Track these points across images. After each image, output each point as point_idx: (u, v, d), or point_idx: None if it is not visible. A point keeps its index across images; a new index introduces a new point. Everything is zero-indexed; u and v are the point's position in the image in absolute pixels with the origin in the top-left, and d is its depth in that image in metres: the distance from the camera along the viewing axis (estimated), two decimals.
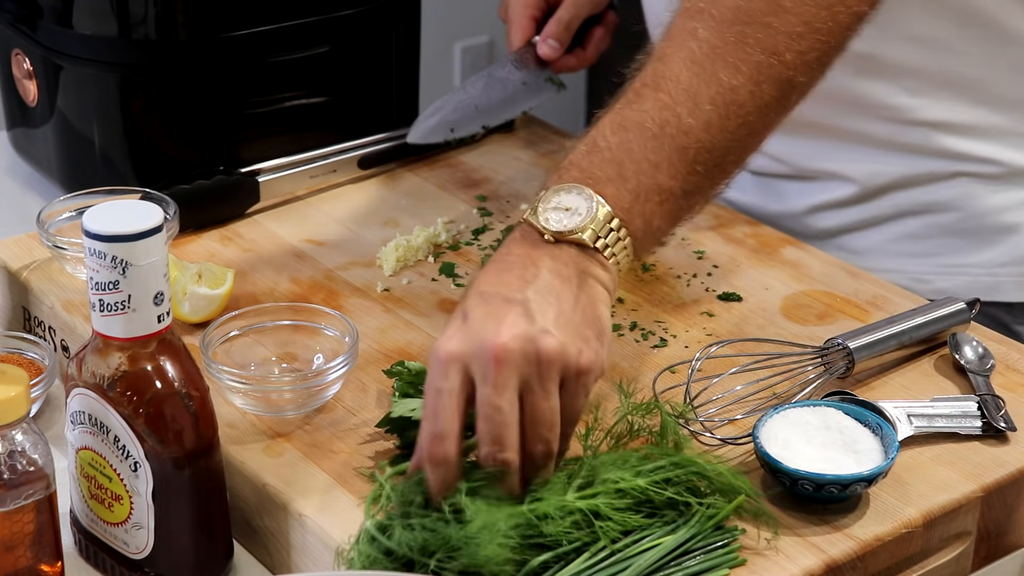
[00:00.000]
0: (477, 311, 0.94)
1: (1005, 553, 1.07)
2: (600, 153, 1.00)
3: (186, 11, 1.36)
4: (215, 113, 1.41)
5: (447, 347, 0.93)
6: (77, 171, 1.43)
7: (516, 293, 0.94)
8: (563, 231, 0.97)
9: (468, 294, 0.97)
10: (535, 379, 0.93)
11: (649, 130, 1.00)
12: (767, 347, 1.13)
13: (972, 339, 1.15)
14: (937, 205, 1.34)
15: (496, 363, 0.91)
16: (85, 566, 1.04)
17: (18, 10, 1.40)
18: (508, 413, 0.92)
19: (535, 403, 0.93)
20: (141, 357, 0.96)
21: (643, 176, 0.99)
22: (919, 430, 1.06)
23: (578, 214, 0.97)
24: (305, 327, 1.15)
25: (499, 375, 0.92)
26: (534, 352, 0.92)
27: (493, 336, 0.92)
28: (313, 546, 0.99)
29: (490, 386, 0.92)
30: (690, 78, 1.01)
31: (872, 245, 1.37)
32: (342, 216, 1.37)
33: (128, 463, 0.97)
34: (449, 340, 0.94)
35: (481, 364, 0.92)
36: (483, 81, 1.44)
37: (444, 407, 0.93)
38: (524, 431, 0.93)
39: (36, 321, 1.26)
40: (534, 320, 0.93)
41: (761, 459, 1.00)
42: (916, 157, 1.32)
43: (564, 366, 0.93)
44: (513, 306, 0.94)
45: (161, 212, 0.95)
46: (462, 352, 0.93)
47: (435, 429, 0.93)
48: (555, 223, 0.97)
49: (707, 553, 0.94)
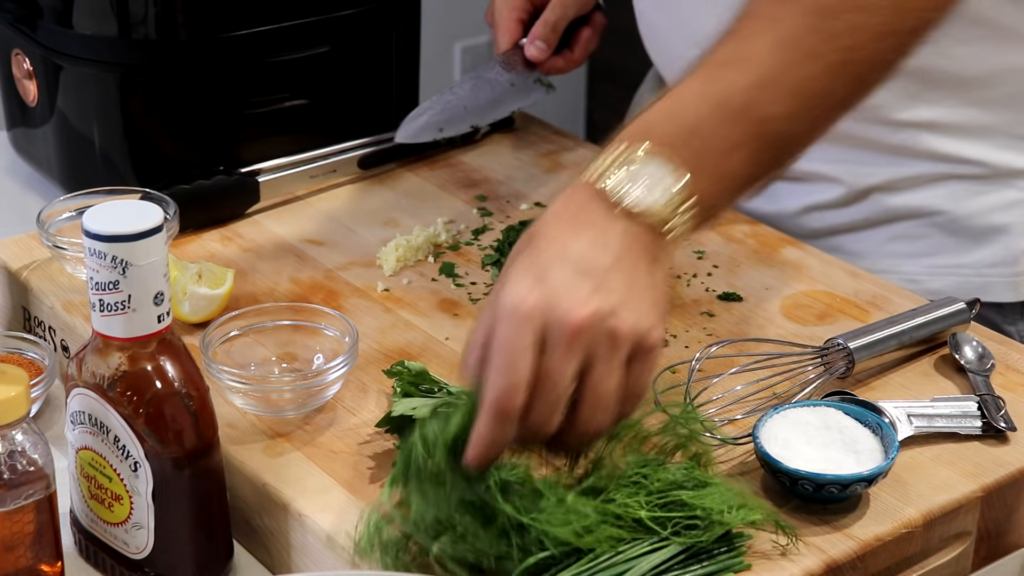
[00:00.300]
0: (556, 274, 0.92)
1: (1005, 553, 1.07)
2: (680, 126, 0.98)
3: (186, 11, 1.36)
4: (215, 113, 1.41)
5: (525, 303, 0.92)
6: (77, 171, 1.43)
7: (595, 266, 0.93)
8: (639, 210, 0.95)
9: (539, 248, 0.95)
10: (603, 357, 0.92)
11: (731, 112, 0.98)
12: (767, 347, 1.14)
13: (972, 339, 1.15)
14: (925, 207, 1.33)
15: (571, 335, 0.91)
16: (85, 566, 1.04)
17: (18, 10, 1.40)
18: (566, 389, 0.91)
19: (599, 381, 0.92)
20: (141, 357, 0.96)
21: (719, 158, 0.98)
22: (919, 430, 1.06)
23: (656, 191, 0.95)
24: (305, 327, 1.15)
25: (570, 348, 0.91)
26: (607, 330, 0.91)
27: (570, 308, 0.91)
28: (313, 546, 0.99)
29: (559, 356, 0.91)
30: (773, 64, 0.99)
31: (866, 246, 1.37)
32: (342, 216, 1.37)
33: (128, 463, 0.97)
34: (526, 296, 0.92)
35: (556, 330, 0.91)
36: (471, 82, 1.45)
37: (521, 361, 0.91)
38: (581, 407, 0.93)
39: (36, 321, 1.26)
40: (610, 296, 0.92)
41: (761, 459, 1.00)
42: (902, 159, 1.32)
43: (634, 345, 0.93)
44: (592, 280, 0.92)
45: (161, 212, 0.95)
46: (540, 314, 0.91)
47: (511, 382, 0.91)
48: (631, 196, 0.95)
49: (713, 558, 0.94)
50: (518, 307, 0.92)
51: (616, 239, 0.94)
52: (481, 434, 0.92)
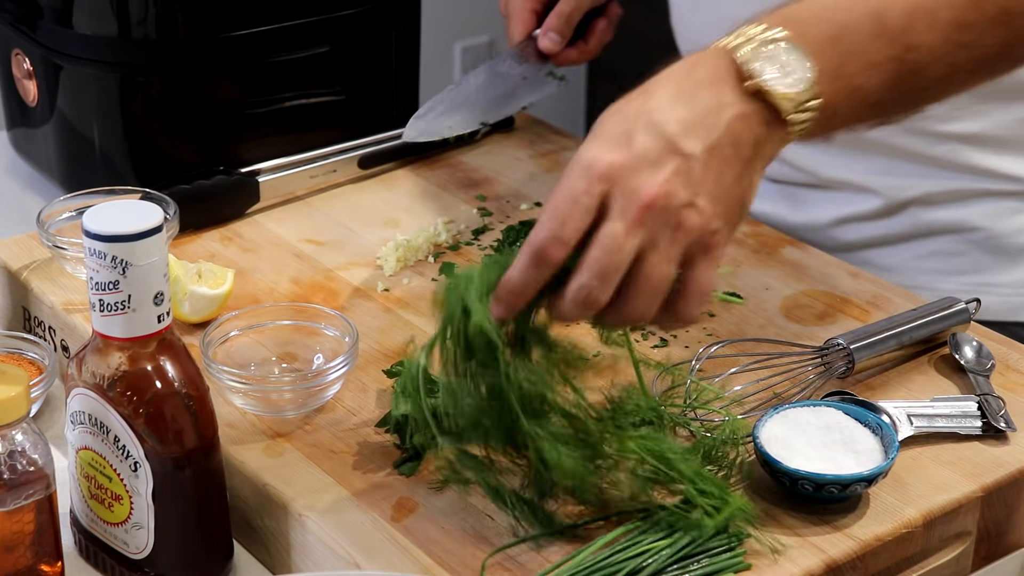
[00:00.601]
0: (645, 140, 0.90)
1: (1005, 553, 1.07)
2: (830, 24, 0.95)
3: (186, 11, 1.36)
4: (215, 113, 1.41)
5: (601, 162, 0.90)
6: (77, 171, 1.43)
7: (689, 143, 0.90)
8: (769, 90, 0.92)
9: (643, 101, 0.92)
10: (662, 243, 0.90)
11: (884, 27, 0.96)
12: (767, 347, 1.14)
13: (972, 339, 1.15)
14: (964, 223, 1.32)
15: (641, 209, 0.89)
16: (85, 566, 1.04)
17: (18, 10, 1.40)
18: (626, 256, 0.89)
19: (652, 265, 0.90)
20: (141, 357, 0.96)
21: (857, 69, 0.95)
22: (919, 430, 1.06)
23: (790, 78, 0.92)
24: (305, 327, 1.15)
25: (637, 221, 0.89)
26: (674, 218, 0.89)
27: (643, 184, 0.89)
28: (313, 546, 0.99)
29: (625, 224, 0.89)
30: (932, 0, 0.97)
31: (899, 262, 1.35)
32: (342, 216, 1.37)
33: (128, 463, 0.97)
34: (604, 155, 0.90)
35: (625, 200, 0.89)
36: (483, 76, 1.42)
37: (576, 216, 0.89)
38: (628, 286, 0.91)
39: (36, 321, 1.26)
40: (690, 184, 0.90)
41: (761, 459, 1.00)
42: (942, 172, 1.30)
43: (697, 241, 0.90)
44: (679, 159, 0.90)
45: (161, 212, 0.95)
46: (614, 176, 0.89)
47: (559, 233, 0.89)
48: (764, 74, 0.92)
49: (712, 557, 0.94)
50: (592, 165, 0.90)
51: (727, 116, 0.91)
52: (512, 275, 0.91)
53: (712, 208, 0.91)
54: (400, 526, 0.98)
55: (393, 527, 0.98)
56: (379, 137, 1.46)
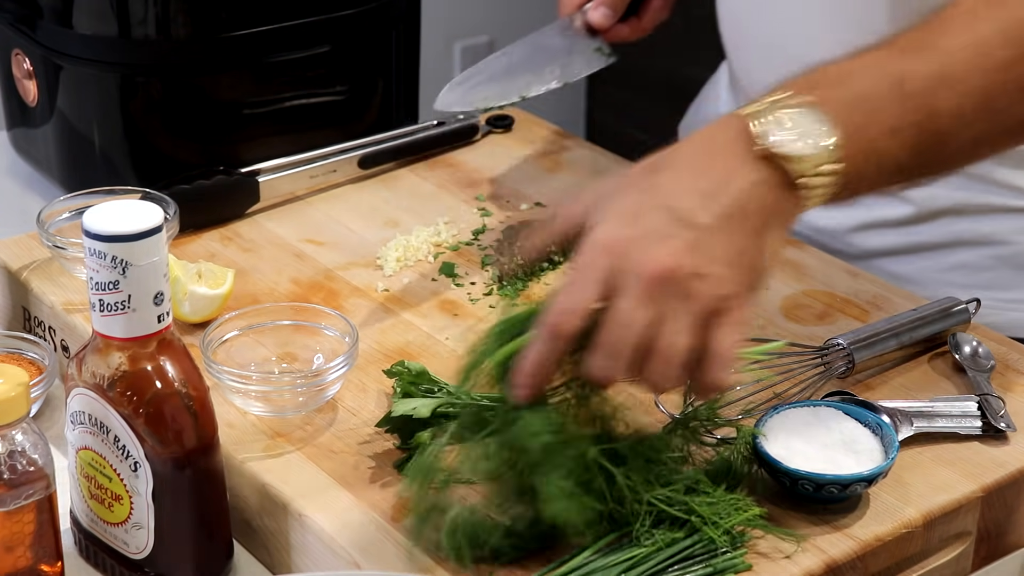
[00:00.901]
0: (654, 218, 0.90)
1: (1005, 553, 1.07)
2: (850, 90, 0.94)
3: (186, 11, 1.36)
4: (215, 113, 1.41)
5: (611, 235, 0.90)
6: (77, 171, 1.43)
7: (698, 214, 0.90)
8: (777, 152, 0.91)
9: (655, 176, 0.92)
10: (675, 313, 0.89)
11: (906, 92, 0.95)
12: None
13: (972, 339, 1.15)
14: (993, 236, 1.30)
15: (648, 282, 0.89)
16: (85, 566, 1.04)
17: (18, 10, 1.40)
18: (636, 331, 0.89)
19: (666, 335, 0.90)
20: (141, 357, 0.96)
21: (879, 133, 0.94)
22: (919, 430, 1.06)
23: (804, 141, 0.92)
24: (305, 327, 1.15)
25: (645, 295, 0.89)
26: (685, 288, 0.89)
27: (650, 258, 0.89)
28: (313, 546, 0.99)
29: (633, 299, 0.89)
30: (961, 63, 0.96)
31: (920, 272, 1.33)
32: (342, 216, 1.37)
33: (128, 463, 0.97)
34: (615, 231, 0.91)
35: (629, 277, 0.89)
36: (526, 48, 1.34)
37: (585, 290, 0.90)
38: (647, 358, 0.91)
39: (36, 321, 1.26)
40: (701, 256, 0.89)
41: (761, 459, 1.00)
42: (976, 185, 1.28)
43: (712, 309, 0.90)
44: (687, 231, 0.90)
45: (161, 212, 0.95)
46: (620, 251, 0.90)
47: (569, 305, 0.90)
48: (775, 137, 0.91)
49: (713, 557, 0.94)
50: (601, 240, 0.91)
51: (740, 184, 0.91)
52: (530, 354, 0.91)
53: (724, 273, 0.90)
54: (400, 526, 0.98)
55: (393, 527, 0.98)
56: (379, 137, 1.46)
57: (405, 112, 1.53)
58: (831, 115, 0.93)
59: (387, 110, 1.51)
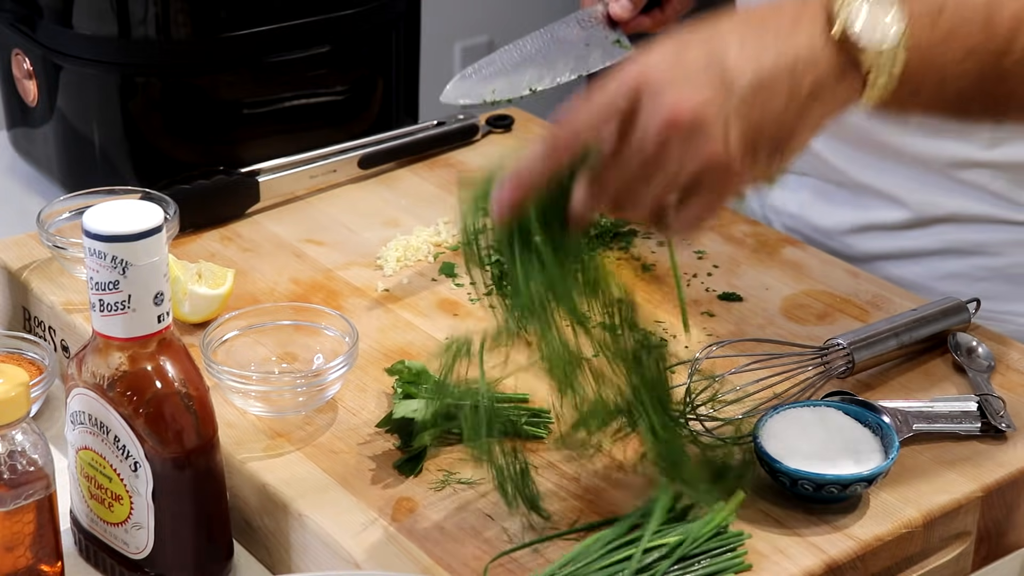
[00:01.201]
0: (695, 55, 0.87)
1: (1005, 553, 1.07)
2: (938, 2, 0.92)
3: (186, 11, 1.36)
4: (215, 113, 1.41)
5: (651, 65, 0.87)
6: (77, 171, 1.43)
7: (740, 70, 0.87)
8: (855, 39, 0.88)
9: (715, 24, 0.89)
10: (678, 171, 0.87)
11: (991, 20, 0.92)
12: (767, 347, 1.13)
13: (972, 339, 1.15)
14: (986, 247, 1.30)
15: (661, 124, 0.86)
16: (85, 566, 1.04)
17: (18, 10, 1.40)
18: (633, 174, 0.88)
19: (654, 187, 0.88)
20: (141, 357, 0.96)
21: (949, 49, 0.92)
22: (919, 430, 1.06)
23: (878, 31, 0.89)
24: (305, 327, 1.15)
25: (656, 138, 0.86)
26: (694, 151, 0.87)
27: (680, 97, 0.86)
28: (313, 546, 0.99)
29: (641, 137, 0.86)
30: None
31: (915, 278, 1.32)
32: (342, 216, 1.37)
33: (128, 463, 0.97)
34: (657, 60, 0.87)
35: (650, 112, 0.86)
36: (541, 40, 1.30)
37: (595, 112, 0.88)
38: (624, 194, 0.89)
39: (36, 321, 1.26)
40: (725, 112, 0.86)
41: (761, 459, 1.00)
42: (971, 192, 1.28)
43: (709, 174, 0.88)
44: (722, 83, 0.87)
45: (161, 212, 0.95)
46: (647, 83, 0.86)
47: (575, 125, 0.88)
48: (854, 22, 0.88)
49: (712, 558, 0.94)
50: (637, 68, 0.88)
51: (800, 51, 0.88)
52: (523, 160, 0.89)
53: (740, 145, 0.87)
54: (400, 526, 0.98)
55: (393, 527, 0.98)
56: (379, 137, 1.46)
57: (405, 112, 1.53)
58: (911, 16, 0.90)
59: (387, 110, 1.52)
